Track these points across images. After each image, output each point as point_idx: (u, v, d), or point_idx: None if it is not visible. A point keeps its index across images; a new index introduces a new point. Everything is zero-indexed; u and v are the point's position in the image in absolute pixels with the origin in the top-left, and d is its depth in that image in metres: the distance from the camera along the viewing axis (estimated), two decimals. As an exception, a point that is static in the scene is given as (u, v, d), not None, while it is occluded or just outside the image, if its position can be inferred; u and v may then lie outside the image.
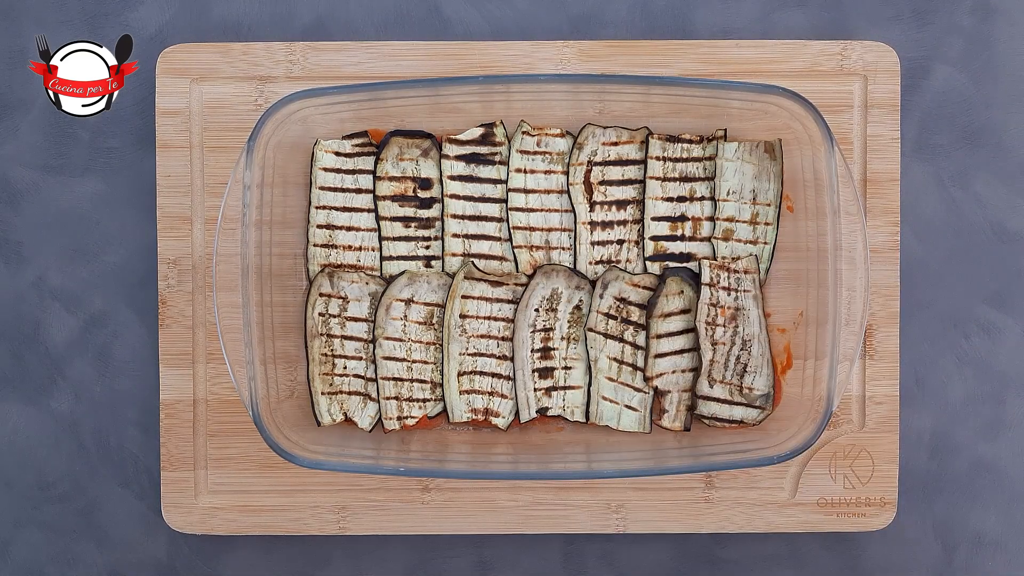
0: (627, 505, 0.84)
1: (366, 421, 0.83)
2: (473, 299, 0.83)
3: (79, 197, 0.86)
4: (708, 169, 0.83)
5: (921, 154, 0.86)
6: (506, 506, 0.84)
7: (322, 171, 0.83)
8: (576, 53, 0.84)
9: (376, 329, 0.83)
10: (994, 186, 0.86)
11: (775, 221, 0.83)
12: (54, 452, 0.86)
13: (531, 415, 0.83)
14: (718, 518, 0.84)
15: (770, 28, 0.86)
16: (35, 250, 0.86)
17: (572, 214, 0.83)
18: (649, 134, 0.83)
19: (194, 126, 0.84)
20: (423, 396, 0.83)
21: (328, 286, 0.83)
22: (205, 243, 0.84)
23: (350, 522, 0.84)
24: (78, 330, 0.86)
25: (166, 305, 0.84)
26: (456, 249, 0.83)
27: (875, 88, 0.84)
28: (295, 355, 0.83)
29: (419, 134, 0.83)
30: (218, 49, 0.84)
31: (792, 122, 0.78)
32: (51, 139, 0.86)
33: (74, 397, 0.86)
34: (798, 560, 0.86)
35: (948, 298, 0.86)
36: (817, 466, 0.84)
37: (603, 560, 0.86)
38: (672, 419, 0.83)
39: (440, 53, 0.84)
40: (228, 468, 0.84)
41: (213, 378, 0.84)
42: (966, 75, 0.86)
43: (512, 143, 0.83)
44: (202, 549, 0.86)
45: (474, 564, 0.86)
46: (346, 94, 0.78)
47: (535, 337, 0.83)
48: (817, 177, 0.77)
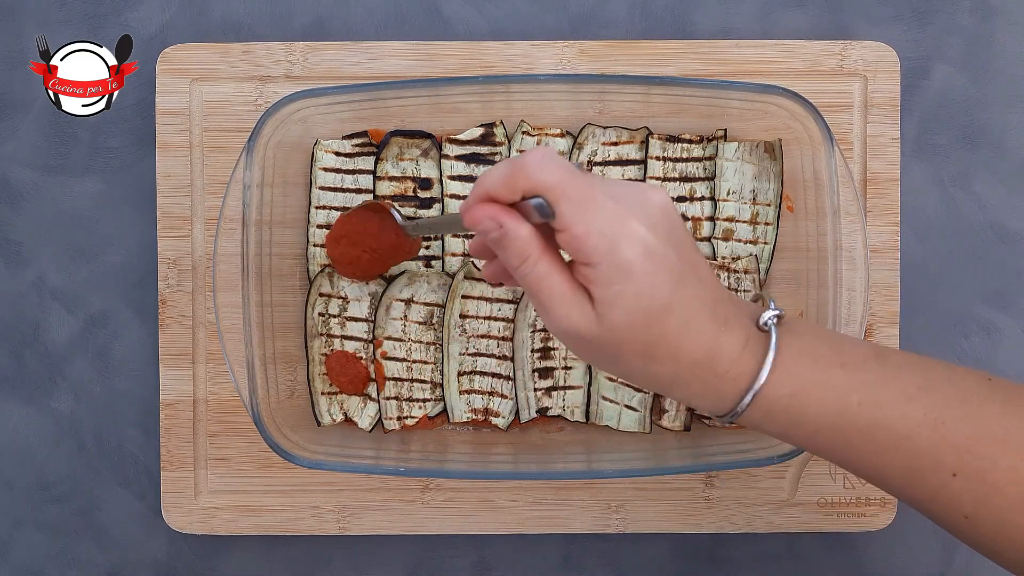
0: (627, 505, 0.84)
1: (366, 421, 0.83)
2: (473, 299, 0.83)
3: (79, 197, 0.86)
4: (708, 169, 0.83)
5: (921, 154, 0.86)
6: (506, 506, 0.84)
7: (322, 171, 0.83)
8: (576, 53, 0.84)
9: (376, 329, 0.83)
10: (994, 186, 0.86)
11: (775, 221, 0.83)
12: (54, 452, 0.86)
13: (531, 415, 0.83)
14: (718, 518, 0.84)
15: (770, 28, 0.86)
16: (35, 250, 0.86)
17: (572, 214, 0.83)
18: (649, 134, 0.83)
19: (194, 126, 0.84)
20: (423, 396, 0.83)
21: (328, 286, 0.83)
22: (205, 243, 0.84)
23: (350, 522, 0.84)
24: (78, 330, 0.86)
25: (166, 305, 0.84)
26: (456, 249, 0.83)
27: (875, 88, 0.84)
28: (295, 355, 0.83)
29: (419, 134, 0.83)
30: (218, 49, 0.84)
31: (792, 122, 0.78)
32: (51, 139, 0.86)
33: (74, 397, 0.86)
34: (798, 560, 0.86)
35: (948, 298, 0.86)
36: (817, 466, 0.84)
37: (603, 560, 0.86)
38: (672, 419, 0.83)
39: (440, 53, 0.84)
40: (228, 468, 0.84)
41: (213, 378, 0.84)
42: (966, 75, 0.86)
43: (512, 143, 0.83)
44: (202, 549, 0.86)
45: (474, 564, 0.86)
46: (346, 94, 0.78)
47: (535, 337, 0.83)
48: (817, 177, 0.77)
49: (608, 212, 0.56)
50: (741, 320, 0.61)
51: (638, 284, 0.56)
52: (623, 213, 0.56)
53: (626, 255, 0.56)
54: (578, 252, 0.57)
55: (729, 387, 0.60)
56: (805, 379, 0.60)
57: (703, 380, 0.60)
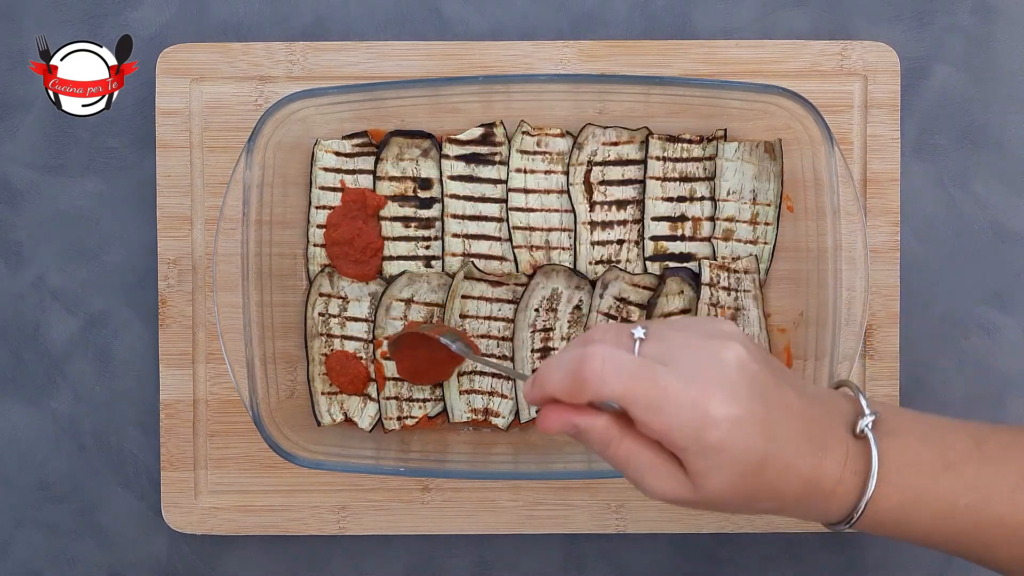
0: (627, 505, 0.84)
1: (366, 421, 0.83)
2: (473, 299, 0.83)
3: (79, 197, 0.86)
4: (708, 169, 0.83)
5: (921, 154, 0.86)
6: (506, 506, 0.84)
7: (322, 171, 0.83)
8: (576, 53, 0.84)
9: (376, 329, 0.83)
10: (994, 186, 0.86)
11: (775, 221, 0.83)
12: (54, 452, 0.86)
13: (531, 415, 0.83)
14: (718, 518, 0.84)
15: (770, 28, 0.86)
16: (35, 250, 0.86)
17: (572, 214, 0.83)
18: (649, 134, 0.83)
19: (194, 126, 0.84)
20: (423, 396, 0.83)
21: (328, 286, 0.83)
22: (205, 243, 0.84)
23: (350, 522, 0.84)
24: (78, 330, 0.86)
25: (166, 305, 0.84)
26: (456, 249, 0.83)
27: (875, 88, 0.84)
28: (295, 355, 0.83)
29: (419, 134, 0.83)
30: (218, 49, 0.84)
31: (792, 122, 0.78)
32: (51, 139, 0.86)
33: (74, 397, 0.86)
34: (798, 560, 0.86)
35: (948, 298, 0.86)
36: (817, 466, 0.84)
37: (603, 560, 0.86)
38: (672, 419, 0.83)
39: (440, 53, 0.84)
40: (228, 468, 0.84)
41: (213, 378, 0.84)
42: (966, 75, 0.86)
43: (512, 143, 0.83)
44: (202, 549, 0.86)
45: (474, 564, 0.86)
46: (346, 94, 0.78)
47: (535, 337, 0.83)
48: (817, 177, 0.77)
49: (684, 404, 0.55)
50: (836, 434, 0.59)
51: (730, 454, 0.56)
52: (700, 399, 0.55)
53: (711, 438, 0.55)
54: (662, 442, 0.57)
55: (836, 505, 0.60)
56: (911, 489, 0.59)
57: (809, 505, 0.60)
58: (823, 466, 0.58)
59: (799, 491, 0.58)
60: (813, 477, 0.58)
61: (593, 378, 0.56)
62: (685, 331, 0.59)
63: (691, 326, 0.59)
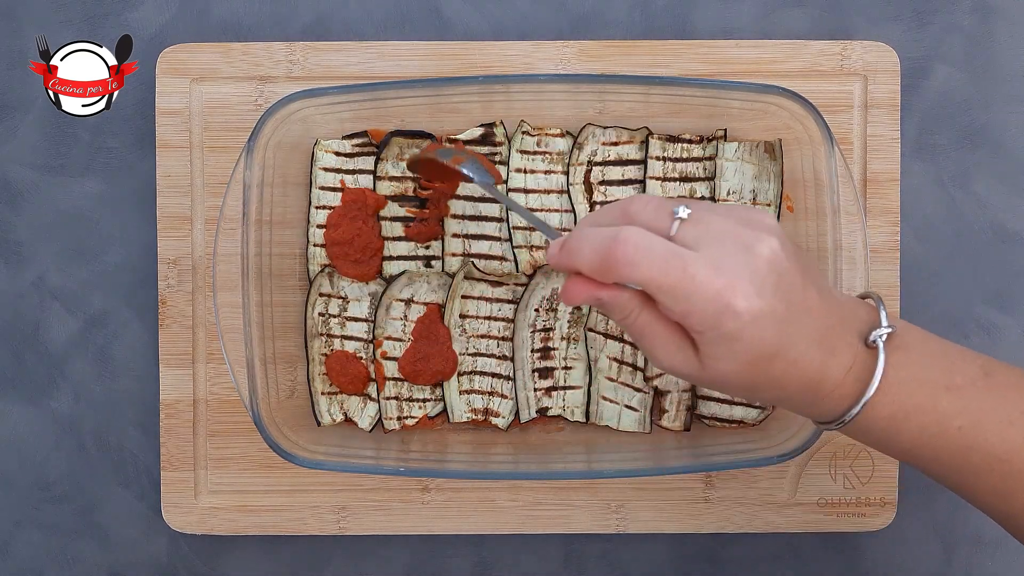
0: (627, 505, 0.84)
1: (366, 421, 0.83)
2: (473, 299, 0.83)
3: (79, 197, 0.86)
4: (708, 169, 0.83)
5: (921, 154, 0.86)
6: (506, 506, 0.84)
7: (322, 171, 0.83)
8: (576, 53, 0.84)
9: (376, 329, 0.83)
10: (994, 186, 0.86)
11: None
12: (54, 452, 0.86)
13: (531, 415, 0.83)
14: (718, 518, 0.84)
15: (770, 28, 0.86)
16: (35, 250, 0.86)
17: (572, 214, 0.83)
18: (649, 134, 0.83)
19: (194, 126, 0.84)
20: (423, 396, 0.83)
21: (328, 286, 0.83)
22: (205, 243, 0.84)
23: (350, 522, 0.84)
24: (78, 330, 0.86)
25: (166, 305, 0.84)
26: (456, 249, 0.83)
27: (875, 88, 0.84)
28: (295, 355, 0.83)
29: (419, 134, 0.83)
30: (218, 49, 0.84)
31: (792, 122, 0.78)
32: (51, 139, 0.86)
33: (74, 397, 0.86)
34: (798, 560, 0.86)
35: (948, 298, 0.86)
36: (817, 466, 0.84)
37: (603, 560, 0.86)
38: (672, 419, 0.83)
39: (440, 53, 0.84)
40: (228, 468, 0.84)
41: (213, 378, 0.84)
42: (966, 75, 0.86)
43: (512, 143, 0.83)
44: (202, 549, 0.86)
45: (474, 564, 0.86)
46: (346, 94, 0.78)
47: (535, 337, 0.83)
48: (817, 177, 0.77)
49: (708, 295, 0.56)
50: (848, 340, 0.60)
51: (743, 344, 0.57)
52: (725, 290, 0.56)
53: (728, 327, 0.57)
54: (680, 323, 0.59)
55: (831, 406, 0.61)
56: (906, 403, 0.60)
57: (806, 400, 0.61)
58: (827, 368, 0.60)
59: (800, 387, 0.60)
60: (816, 377, 0.60)
61: (623, 263, 0.57)
62: (727, 217, 0.59)
63: (734, 213, 0.60)
